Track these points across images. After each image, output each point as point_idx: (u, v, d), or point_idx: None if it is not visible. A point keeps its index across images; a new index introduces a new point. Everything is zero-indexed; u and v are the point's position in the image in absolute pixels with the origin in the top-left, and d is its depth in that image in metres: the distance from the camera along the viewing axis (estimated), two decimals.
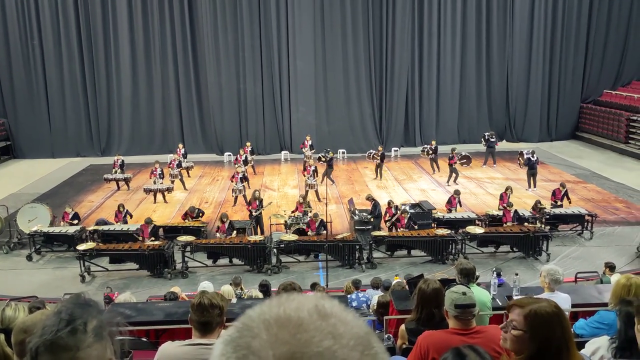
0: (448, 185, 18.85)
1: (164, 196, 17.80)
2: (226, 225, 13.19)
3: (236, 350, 0.70)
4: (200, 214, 14.73)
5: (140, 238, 13.02)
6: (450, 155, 19.27)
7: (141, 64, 24.61)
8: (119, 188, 19.21)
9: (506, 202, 14.40)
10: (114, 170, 19.20)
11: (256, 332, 0.71)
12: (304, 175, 18.04)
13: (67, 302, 1.40)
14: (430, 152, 20.48)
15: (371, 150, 21.06)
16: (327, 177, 18.49)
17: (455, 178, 19.25)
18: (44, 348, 1.30)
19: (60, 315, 1.34)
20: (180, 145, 21.02)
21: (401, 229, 13.47)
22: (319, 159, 19.45)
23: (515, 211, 13.83)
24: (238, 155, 19.87)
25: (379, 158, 19.72)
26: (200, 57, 24.66)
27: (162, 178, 17.98)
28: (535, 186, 18.29)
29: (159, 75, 24.72)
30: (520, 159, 19.36)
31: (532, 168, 18.34)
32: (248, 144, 21.31)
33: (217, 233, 13.33)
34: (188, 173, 20.40)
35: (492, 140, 21.56)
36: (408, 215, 13.57)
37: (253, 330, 0.71)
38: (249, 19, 24.01)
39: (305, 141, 21.46)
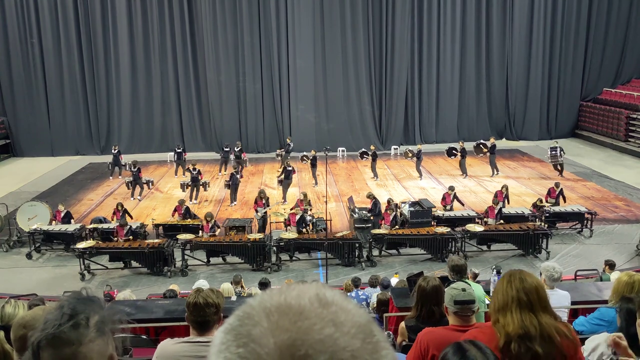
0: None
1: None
2: (210, 224, 13.21)
3: (237, 338, 0.70)
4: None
5: (115, 239, 13.04)
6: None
7: (140, 62, 24.59)
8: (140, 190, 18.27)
9: (500, 199, 14.34)
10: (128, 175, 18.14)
11: (257, 320, 0.70)
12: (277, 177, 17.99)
13: (69, 297, 1.40)
14: (411, 155, 19.58)
15: (363, 149, 20.82)
16: (312, 176, 18.93)
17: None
18: (46, 342, 1.30)
19: (63, 309, 1.34)
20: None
21: (384, 225, 13.54)
22: (302, 158, 19.29)
23: (500, 209, 13.76)
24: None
25: (370, 157, 19.64)
26: (199, 55, 24.63)
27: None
28: (561, 174, 19.34)
29: (159, 73, 24.70)
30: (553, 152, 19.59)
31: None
32: (238, 142, 21.45)
33: (200, 232, 13.36)
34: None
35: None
36: (393, 214, 13.59)
37: (254, 319, 0.71)
38: (248, 17, 23.99)
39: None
